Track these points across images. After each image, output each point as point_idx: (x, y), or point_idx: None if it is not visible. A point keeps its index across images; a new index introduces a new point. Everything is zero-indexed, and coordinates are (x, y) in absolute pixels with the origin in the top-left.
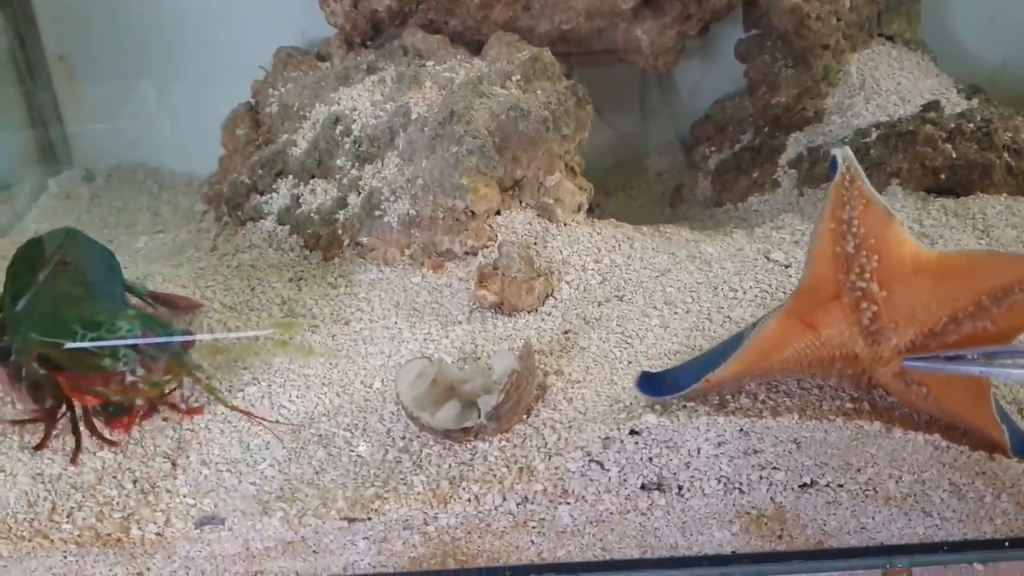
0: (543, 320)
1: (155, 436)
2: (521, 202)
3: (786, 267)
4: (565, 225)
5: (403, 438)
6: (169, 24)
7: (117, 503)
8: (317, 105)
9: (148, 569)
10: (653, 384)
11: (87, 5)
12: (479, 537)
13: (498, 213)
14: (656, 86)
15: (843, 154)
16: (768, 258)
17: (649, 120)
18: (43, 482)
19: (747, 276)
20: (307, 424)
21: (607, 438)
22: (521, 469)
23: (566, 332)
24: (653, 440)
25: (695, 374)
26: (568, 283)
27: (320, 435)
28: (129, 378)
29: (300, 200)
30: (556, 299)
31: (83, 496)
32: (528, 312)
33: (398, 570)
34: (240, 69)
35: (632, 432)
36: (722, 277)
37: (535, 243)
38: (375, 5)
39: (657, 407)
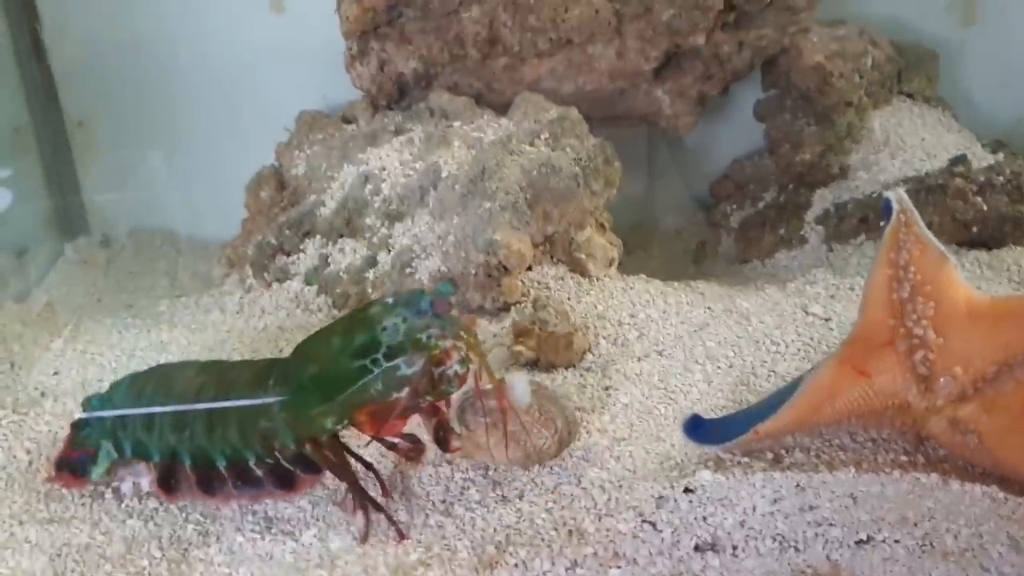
0: (582, 376)
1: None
2: (552, 258)
3: (826, 320)
4: (598, 280)
5: (443, 501)
6: (188, 90)
7: (148, 574)
8: (345, 166)
9: None
10: (701, 430)
11: (107, 71)
12: None
13: (529, 269)
14: (666, 146)
15: (897, 197)
16: (807, 312)
17: (662, 180)
18: (71, 554)
19: (788, 330)
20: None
21: (660, 497)
22: (570, 532)
23: (607, 388)
24: (708, 498)
25: (745, 424)
26: (605, 338)
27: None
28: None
29: (328, 260)
30: (594, 354)
31: (113, 567)
32: (566, 368)
33: None
34: (259, 134)
35: (687, 490)
36: (762, 331)
37: (568, 298)
38: (401, 68)
39: (710, 463)
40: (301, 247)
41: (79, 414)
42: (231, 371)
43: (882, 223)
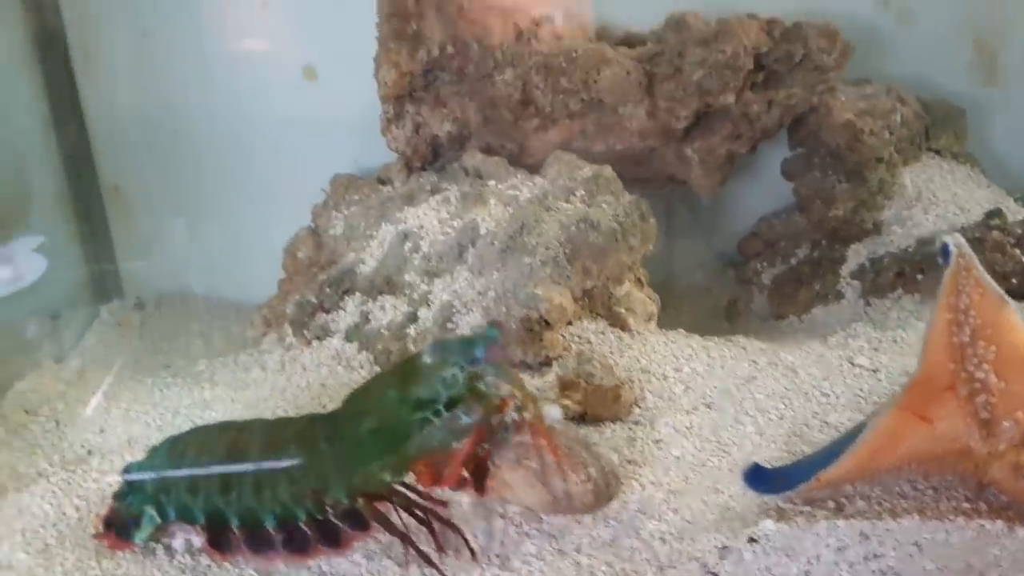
0: (631, 429)
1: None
2: (592, 312)
3: (873, 371)
4: (639, 334)
5: (498, 556)
6: (221, 156)
7: None
8: (383, 224)
9: None
10: (762, 479)
11: (143, 138)
12: None
13: (569, 324)
14: (690, 205)
15: (956, 241)
16: (853, 363)
17: (687, 238)
18: None
19: (836, 382)
20: None
21: (724, 547)
22: None
23: (657, 441)
24: (772, 547)
25: (807, 472)
26: (651, 392)
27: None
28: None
29: (369, 317)
30: (641, 407)
31: None
32: (613, 421)
33: None
34: (290, 200)
35: (751, 540)
36: (810, 383)
37: (611, 352)
38: (435, 130)
39: (772, 512)
40: (341, 305)
41: (120, 479)
42: (274, 429)
43: (940, 263)
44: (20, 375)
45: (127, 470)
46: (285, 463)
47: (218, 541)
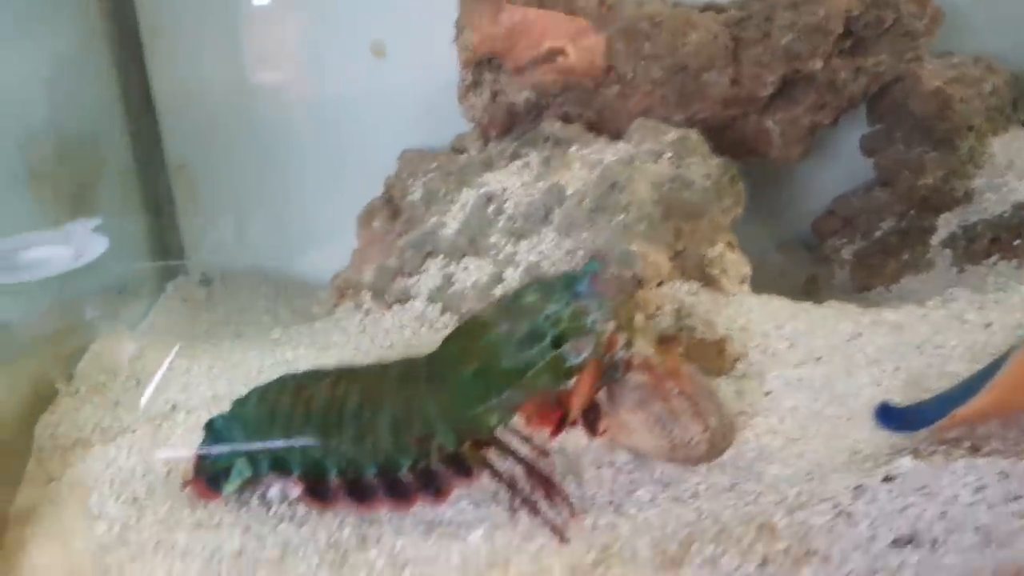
0: (737, 383)
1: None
2: (683, 274)
3: (986, 326)
4: (733, 296)
5: (610, 503)
6: (286, 134)
7: None
8: (464, 189)
9: None
10: (893, 417)
11: (210, 115)
12: None
13: (660, 285)
14: (763, 184)
15: None
16: (962, 320)
17: (760, 218)
18: (223, 559)
19: (948, 336)
20: None
21: (858, 487)
22: (760, 527)
23: (767, 394)
24: (907, 487)
25: (941, 409)
26: (754, 348)
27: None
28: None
29: (452, 279)
30: (745, 364)
31: (268, 572)
32: (717, 376)
33: None
34: (355, 176)
35: (886, 478)
36: (920, 338)
37: (707, 312)
38: (513, 98)
39: (907, 452)
40: (422, 268)
41: (202, 443)
42: (371, 376)
43: None
44: (94, 339)
45: (211, 424)
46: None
47: (316, 491)
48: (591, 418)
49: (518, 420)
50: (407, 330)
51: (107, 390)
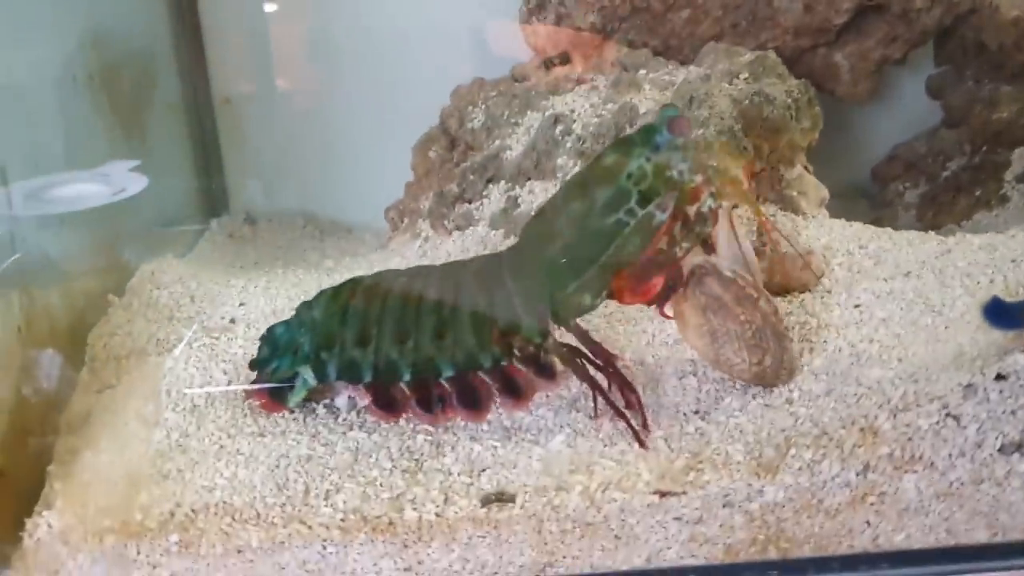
0: (823, 298)
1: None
2: (759, 197)
3: None
4: (813, 218)
5: (696, 412)
6: (336, 71)
7: (381, 484)
8: (529, 112)
9: (420, 562)
10: (1004, 313)
11: (257, 49)
12: (808, 518)
13: (736, 207)
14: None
15: None
16: None
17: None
18: (291, 464)
19: None
20: None
21: (969, 385)
22: (862, 430)
23: (857, 306)
24: (1021, 387)
25: None
26: (839, 265)
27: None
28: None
29: (518, 200)
30: (831, 279)
31: (340, 477)
32: (801, 291)
33: (711, 562)
34: (403, 113)
35: (999, 376)
36: (1015, 252)
37: (788, 230)
38: (578, 23)
39: (1021, 349)
40: (484, 193)
41: (260, 351)
42: (450, 271)
43: None
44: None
45: (271, 331)
46: (467, 304)
47: (385, 401)
48: (662, 294)
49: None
50: (470, 253)
51: (160, 304)
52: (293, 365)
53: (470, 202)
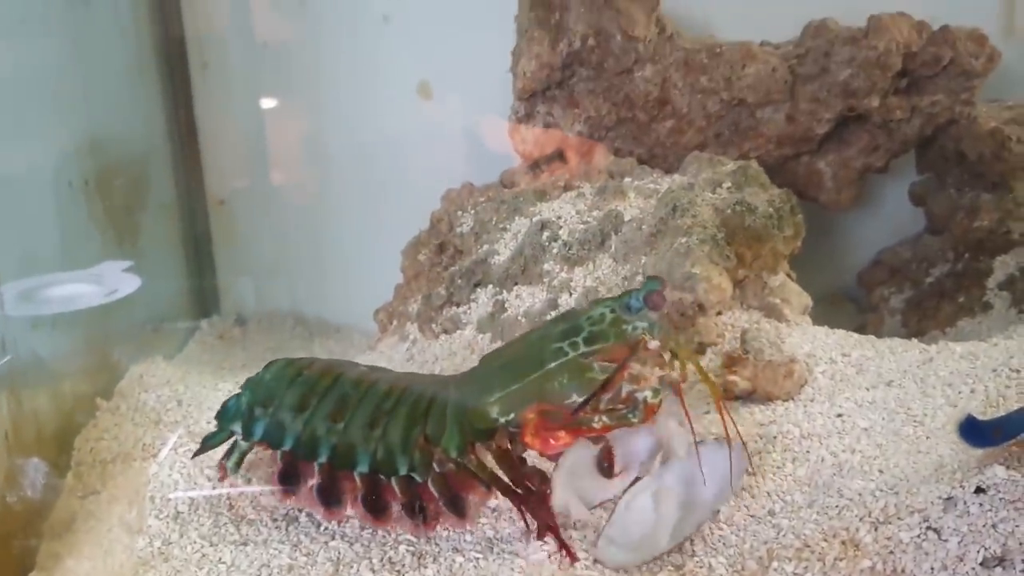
0: (806, 407)
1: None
2: (743, 304)
3: None
4: (796, 324)
5: None
6: (329, 174)
7: None
8: (516, 218)
9: None
10: (978, 432)
11: (253, 151)
12: None
13: (719, 314)
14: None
15: None
16: None
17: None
18: (272, 574)
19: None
20: None
21: (949, 498)
22: (844, 542)
23: (839, 415)
24: (1001, 500)
25: None
26: (821, 373)
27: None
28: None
29: (505, 305)
30: (813, 388)
31: None
32: (784, 400)
33: None
34: (395, 218)
35: (978, 490)
36: (994, 362)
37: (772, 338)
38: (566, 131)
39: (1001, 462)
40: (472, 297)
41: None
42: (409, 375)
43: None
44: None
45: (223, 404)
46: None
47: (289, 474)
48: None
49: None
50: (457, 357)
51: (148, 408)
52: (231, 420)
53: (458, 306)
